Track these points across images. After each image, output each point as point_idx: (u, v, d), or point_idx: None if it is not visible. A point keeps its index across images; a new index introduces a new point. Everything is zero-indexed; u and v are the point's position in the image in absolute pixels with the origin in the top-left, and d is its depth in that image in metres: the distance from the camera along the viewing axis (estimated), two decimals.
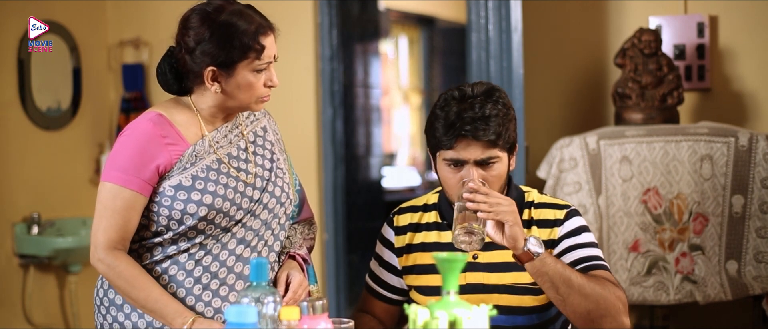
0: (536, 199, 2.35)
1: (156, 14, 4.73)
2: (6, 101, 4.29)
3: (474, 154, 2.21)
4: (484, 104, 2.22)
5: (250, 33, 2.16)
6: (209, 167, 2.20)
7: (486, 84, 2.28)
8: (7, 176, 4.29)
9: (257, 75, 2.18)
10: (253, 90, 2.19)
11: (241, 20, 2.17)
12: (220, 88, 2.19)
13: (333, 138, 4.45)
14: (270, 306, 1.81)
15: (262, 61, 2.18)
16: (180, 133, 2.20)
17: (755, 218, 3.55)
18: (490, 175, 2.23)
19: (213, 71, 2.18)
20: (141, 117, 2.22)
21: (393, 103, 7.59)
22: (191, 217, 2.16)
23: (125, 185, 2.14)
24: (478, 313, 1.68)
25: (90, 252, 2.18)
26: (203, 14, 2.22)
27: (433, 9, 7.55)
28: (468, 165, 2.22)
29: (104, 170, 2.19)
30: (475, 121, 2.20)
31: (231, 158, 2.25)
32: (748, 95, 3.94)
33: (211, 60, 2.17)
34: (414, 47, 7.75)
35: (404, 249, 2.39)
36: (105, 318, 2.26)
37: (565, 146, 3.70)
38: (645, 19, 4.01)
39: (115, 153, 2.18)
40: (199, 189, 2.17)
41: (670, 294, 3.58)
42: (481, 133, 2.19)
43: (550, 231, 2.30)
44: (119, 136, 2.21)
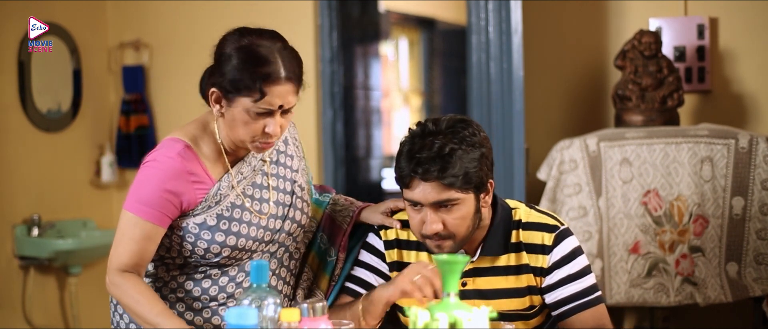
0: (524, 217, 2.24)
1: (156, 16, 4.73)
2: (6, 102, 4.29)
3: (429, 197, 2.08)
4: (445, 141, 2.07)
5: (257, 75, 2.07)
6: (234, 204, 2.19)
7: (455, 118, 2.13)
8: (8, 178, 4.29)
9: (255, 117, 2.10)
10: (247, 129, 2.12)
11: (255, 58, 2.08)
12: (220, 112, 2.15)
13: (333, 140, 4.45)
14: (270, 307, 1.81)
15: (261, 106, 2.08)
16: (206, 169, 2.18)
17: (755, 220, 3.55)
18: (450, 218, 2.10)
19: (216, 93, 2.14)
20: (169, 147, 2.17)
21: (393, 105, 7.58)
22: (214, 256, 2.18)
23: (146, 218, 2.13)
24: (479, 315, 1.68)
25: (106, 276, 2.21)
26: (232, 36, 2.15)
27: (433, 11, 7.55)
28: (425, 208, 2.11)
29: (128, 198, 2.17)
30: (426, 161, 2.06)
31: (253, 194, 2.22)
32: (748, 97, 3.94)
33: (216, 82, 2.14)
34: (414, 49, 7.74)
35: (394, 265, 2.33)
36: (122, 317, 2.28)
37: (566, 147, 3.70)
38: (645, 21, 4.01)
39: (139, 184, 2.16)
40: (224, 230, 2.17)
41: (670, 296, 3.58)
42: (434, 174, 2.06)
43: (538, 258, 2.21)
44: (145, 165, 2.18)
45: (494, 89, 3.98)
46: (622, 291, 3.59)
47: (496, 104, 3.97)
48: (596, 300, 2.20)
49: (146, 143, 4.70)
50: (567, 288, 2.19)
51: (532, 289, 2.23)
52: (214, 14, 4.61)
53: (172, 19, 4.71)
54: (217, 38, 4.74)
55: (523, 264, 2.22)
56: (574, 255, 2.21)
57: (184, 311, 2.24)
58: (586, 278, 2.21)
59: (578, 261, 2.21)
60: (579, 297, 2.19)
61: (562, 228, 2.22)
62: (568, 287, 2.19)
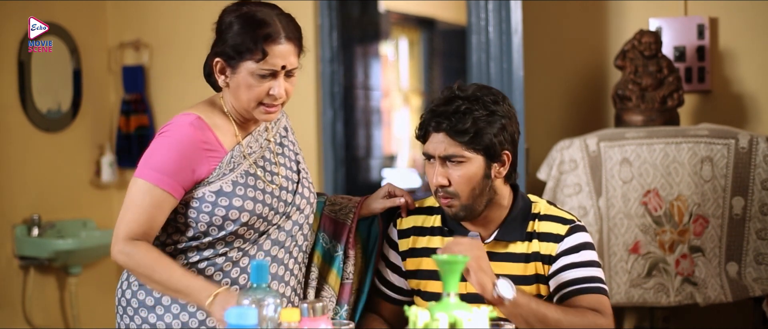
0: (542, 210, 2.29)
1: (156, 16, 4.73)
2: (6, 102, 4.29)
3: (439, 149, 2.18)
4: (464, 102, 2.18)
5: (257, 35, 2.14)
6: (247, 172, 2.20)
7: (482, 86, 2.23)
8: (8, 178, 4.29)
9: (259, 79, 2.15)
10: (251, 93, 2.16)
11: (254, 22, 2.15)
12: (225, 82, 2.19)
13: (333, 140, 4.45)
14: (270, 307, 1.81)
15: (265, 66, 2.14)
16: (218, 138, 2.19)
17: (755, 220, 3.55)
18: (455, 174, 2.18)
19: (220, 63, 2.19)
20: (181, 119, 2.19)
21: (393, 105, 7.58)
22: (233, 222, 2.17)
23: (158, 185, 2.13)
24: (479, 315, 1.68)
25: (111, 246, 2.16)
26: (232, 7, 2.22)
27: (433, 11, 7.55)
28: (435, 160, 2.20)
29: (139, 166, 2.17)
30: (442, 115, 2.17)
31: (263, 164, 2.25)
32: (748, 97, 3.94)
33: (220, 51, 2.18)
34: (414, 49, 7.74)
35: (408, 252, 2.37)
36: (133, 319, 2.25)
37: (566, 147, 3.70)
38: (645, 21, 4.01)
39: (152, 152, 2.17)
40: (240, 195, 2.17)
41: (670, 296, 3.58)
42: (446, 125, 2.16)
43: (548, 246, 2.24)
44: (158, 135, 2.19)
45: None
46: (622, 291, 3.59)
47: None
48: (599, 288, 2.19)
49: (146, 142, 4.69)
50: (570, 272, 2.20)
51: (540, 278, 2.24)
52: (214, 14, 4.59)
53: (172, 19, 4.71)
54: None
55: (533, 252, 2.24)
56: (583, 246, 2.23)
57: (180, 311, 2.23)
58: (592, 268, 2.22)
59: (586, 253, 2.23)
60: (581, 282, 2.19)
61: (577, 223, 2.27)
62: (571, 271, 2.20)
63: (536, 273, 2.25)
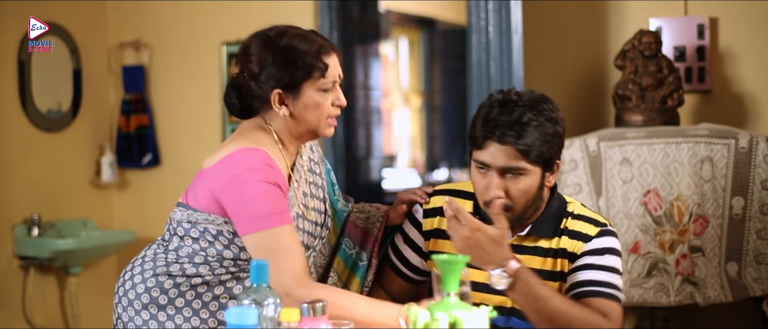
0: (576, 210, 2.27)
1: (156, 16, 4.73)
2: (6, 102, 4.29)
3: (499, 160, 2.11)
4: (526, 111, 2.11)
5: (312, 53, 2.16)
6: (297, 214, 2.21)
7: (537, 94, 2.17)
8: (8, 178, 4.29)
9: (324, 94, 2.18)
10: (320, 110, 2.19)
11: (302, 42, 2.17)
12: (288, 111, 2.19)
13: (333, 140, 4.45)
14: (270, 307, 1.81)
15: (327, 79, 2.18)
16: (280, 170, 2.19)
17: (755, 220, 3.55)
18: (514, 187, 2.13)
19: (279, 94, 2.18)
20: (252, 155, 2.14)
21: (393, 105, 7.58)
22: None
23: (284, 223, 2.11)
24: (479, 314, 1.68)
25: (290, 291, 2.08)
26: (265, 39, 2.20)
27: (433, 11, 7.55)
28: (492, 171, 2.13)
29: (255, 218, 2.10)
30: (506, 125, 2.10)
31: (305, 199, 2.26)
32: (749, 97, 3.94)
33: (277, 83, 2.17)
34: (414, 49, 7.75)
35: (432, 232, 2.35)
36: (133, 319, 2.25)
37: (566, 147, 3.70)
38: (645, 21, 4.01)
39: (257, 200, 2.11)
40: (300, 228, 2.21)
41: (670, 296, 3.58)
42: (510, 138, 2.09)
43: (575, 244, 2.22)
44: (247, 179, 2.12)
45: (494, 89, 3.98)
46: (622, 291, 3.59)
47: None
48: (614, 296, 2.18)
49: (146, 142, 4.71)
50: (587, 272, 2.18)
51: (564, 275, 2.24)
52: (214, 14, 4.61)
53: (172, 19, 4.71)
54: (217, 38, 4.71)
55: (561, 248, 2.23)
56: (609, 251, 2.21)
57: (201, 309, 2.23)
58: (611, 274, 2.19)
59: (610, 258, 2.21)
60: (595, 284, 2.17)
61: (608, 227, 2.25)
62: (588, 272, 2.18)
63: (561, 270, 2.24)
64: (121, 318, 2.28)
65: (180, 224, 2.26)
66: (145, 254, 2.33)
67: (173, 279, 2.23)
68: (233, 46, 4.54)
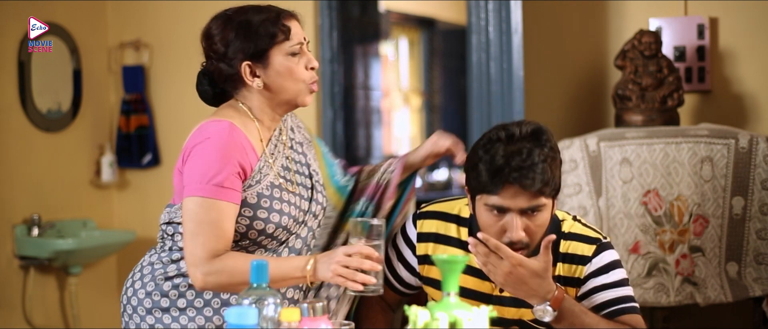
0: (569, 229, 2.24)
1: (156, 16, 4.73)
2: (6, 102, 4.29)
3: (520, 203, 2.08)
4: (533, 148, 2.08)
5: (272, 19, 2.17)
6: (272, 183, 2.19)
7: (533, 124, 2.14)
8: (8, 178, 4.29)
9: (293, 59, 2.18)
10: (294, 75, 2.18)
11: (260, 13, 2.19)
12: (261, 82, 2.18)
13: (333, 140, 4.45)
14: (270, 307, 1.81)
15: (293, 42, 2.18)
16: (251, 143, 2.18)
17: (755, 220, 3.55)
18: (534, 224, 2.11)
19: (249, 66, 2.18)
20: (214, 125, 2.15)
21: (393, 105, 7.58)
22: (258, 233, 2.17)
23: (218, 197, 2.10)
24: (479, 314, 1.68)
25: (191, 274, 2.11)
26: (223, 19, 2.23)
27: (433, 11, 7.55)
28: (512, 213, 2.09)
29: (189, 184, 2.12)
30: (523, 169, 2.05)
31: (284, 173, 2.24)
32: (749, 97, 3.94)
33: (244, 55, 2.17)
34: (414, 49, 7.74)
35: (425, 258, 2.33)
36: (144, 319, 2.24)
37: (566, 147, 3.70)
38: (645, 21, 4.01)
39: (198, 166, 2.12)
40: (265, 207, 2.17)
41: (670, 296, 3.58)
42: (529, 182, 2.05)
43: (576, 269, 2.20)
44: (196, 147, 2.14)
45: (494, 88, 3.98)
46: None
47: (496, 104, 3.97)
48: (633, 308, 2.18)
49: (146, 143, 4.70)
50: (603, 294, 2.18)
51: None
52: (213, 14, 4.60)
53: (172, 19, 4.71)
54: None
55: (558, 275, 2.21)
56: (612, 266, 2.20)
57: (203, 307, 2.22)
58: (623, 288, 2.19)
59: (616, 272, 2.20)
60: (616, 303, 2.17)
61: (603, 241, 2.23)
62: (604, 293, 2.18)
63: None
64: (128, 326, 2.28)
65: (169, 224, 2.26)
66: (143, 260, 2.33)
67: (171, 281, 2.23)
68: None
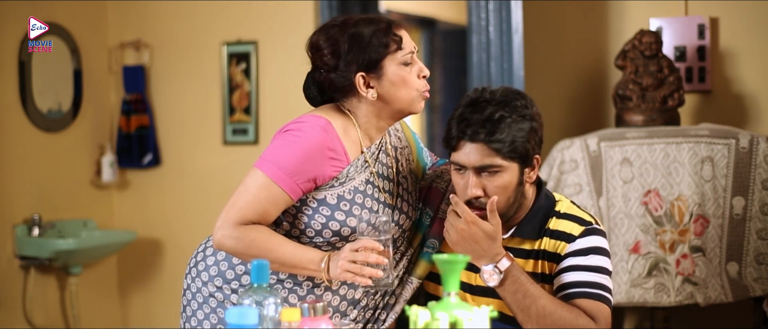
0: (563, 209, 2.24)
1: (156, 16, 4.73)
2: (7, 102, 4.29)
3: (473, 159, 2.11)
4: (497, 109, 2.11)
5: (383, 29, 2.16)
6: (357, 189, 2.19)
7: (509, 89, 2.18)
8: (8, 178, 4.29)
9: (406, 68, 2.17)
10: (408, 84, 2.17)
11: (369, 24, 2.17)
12: (375, 93, 2.17)
13: None
14: (271, 307, 1.81)
15: (405, 50, 2.17)
16: (345, 148, 2.18)
17: (756, 220, 3.55)
18: (491, 185, 2.12)
19: (363, 76, 2.16)
20: (311, 120, 2.16)
21: None
22: (332, 233, 2.17)
23: (278, 182, 2.11)
24: (479, 314, 1.68)
25: (215, 230, 2.13)
26: (331, 31, 2.19)
27: (433, 11, 7.55)
28: (468, 171, 2.13)
29: (262, 158, 2.14)
30: (478, 124, 2.10)
31: (381, 177, 2.24)
32: (749, 97, 3.94)
33: (358, 66, 2.15)
34: None
35: None
36: (201, 307, 2.26)
37: (566, 147, 3.70)
38: (646, 21, 4.01)
39: (278, 148, 2.14)
40: (344, 210, 2.17)
41: (670, 296, 3.58)
42: (482, 136, 2.09)
43: (559, 245, 2.20)
44: (286, 132, 2.16)
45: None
46: (623, 291, 3.59)
47: None
48: (601, 297, 2.15)
49: (147, 143, 4.70)
50: (573, 274, 2.16)
51: (546, 277, 2.21)
52: (214, 14, 4.61)
53: (172, 19, 4.71)
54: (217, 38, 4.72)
55: (542, 249, 2.21)
56: (595, 251, 2.18)
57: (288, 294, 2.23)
58: (598, 274, 2.16)
59: (596, 257, 2.18)
60: (582, 285, 2.15)
61: (594, 226, 2.21)
62: (574, 273, 2.16)
63: (543, 272, 2.22)
64: (190, 304, 2.29)
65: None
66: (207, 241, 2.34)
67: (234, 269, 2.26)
68: (233, 46, 4.54)
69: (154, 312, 4.76)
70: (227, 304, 2.24)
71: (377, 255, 2.06)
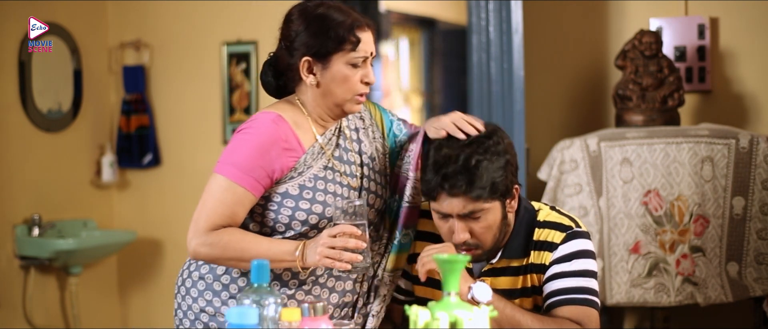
0: (543, 217, 2.23)
1: (156, 16, 4.73)
2: (7, 102, 4.29)
3: (456, 209, 2.10)
4: (470, 152, 2.08)
5: (346, 25, 2.15)
6: (316, 176, 2.20)
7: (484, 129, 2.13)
8: (8, 178, 4.29)
9: (353, 69, 2.17)
10: (348, 84, 2.17)
11: (338, 13, 2.17)
12: (315, 80, 2.18)
13: None
14: (271, 307, 1.81)
15: (358, 54, 2.16)
16: (298, 137, 2.19)
17: (756, 220, 3.55)
18: (478, 227, 2.12)
19: (308, 62, 2.18)
20: (262, 116, 2.19)
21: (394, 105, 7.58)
22: (301, 224, 2.18)
23: (239, 182, 2.13)
24: (479, 314, 1.68)
25: (188, 241, 2.16)
26: (302, 8, 2.21)
27: (433, 11, 7.55)
28: (453, 218, 2.12)
29: (220, 162, 2.17)
30: (456, 175, 2.07)
31: (338, 161, 2.24)
32: (749, 97, 3.94)
33: (307, 50, 2.17)
34: (415, 49, 7.74)
35: (412, 256, 2.33)
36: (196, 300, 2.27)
37: (566, 147, 3.70)
38: (646, 21, 4.01)
39: (233, 149, 2.17)
40: (307, 199, 2.17)
41: (670, 296, 3.58)
42: (462, 188, 2.07)
43: (543, 255, 2.19)
44: (238, 132, 2.19)
45: (495, 88, 3.98)
46: (623, 291, 3.59)
47: (497, 104, 3.96)
48: (587, 301, 2.14)
49: (147, 143, 4.70)
50: (559, 281, 2.16)
51: (536, 289, 2.21)
52: (214, 14, 4.61)
53: (172, 19, 4.71)
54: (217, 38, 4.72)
55: (529, 263, 2.21)
56: (578, 255, 2.17)
57: None
58: (583, 278, 2.16)
59: (580, 262, 2.17)
60: (568, 292, 2.14)
61: (575, 230, 2.20)
62: (560, 281, 2.15)
63: (532, 285, 2.22)
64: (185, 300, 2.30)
65: None
66: None
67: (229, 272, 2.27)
68: (233, 47, 4.54)
69: (154, 312, 4.76)
70: (219, 317, 2.25)
71: (355, 240, 2.06)
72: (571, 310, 2.13)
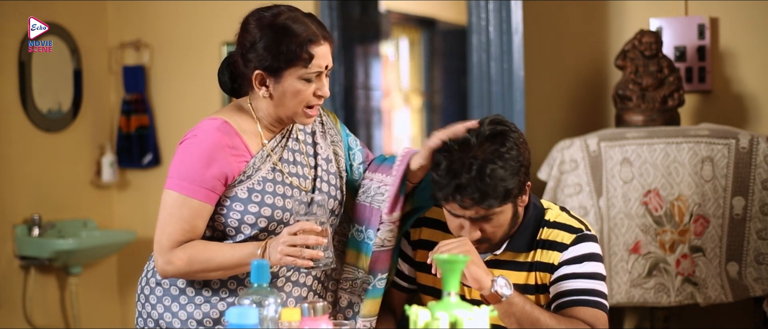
0: (553, 218, 2.23)
1: (156, 16, 4.73)
2: (7, 102, 4.29)
3: (468, 213, 2.10)
4: (484, 159, 2.06)
5: (300, 40, 2.13)
6: (265, 178, 2.19)
7: (493, 129, 2.10)
8: (8, 178, 4.29)
9: (306, 84, 2.16)
10: (299, 97, 2.16)
11: (294, 25, 2.15)
12: (268, 93, 2.18)
13: None
14: (271, 307, 1.81)
15: (310, 70, 2.15)
16: (245, 142, 2.19)
17: (756, 220, 3.55)
18: (490, 227, 2.13)
19: (260, 75, 2.17)
20: (206, 124, 2.18)
21: (394, 105, 7.58)
22: (250, 227, 2.18)
23: (192, 196, 2.13)
24: (479, 314, 1.68)
25: (155, 261, 2.17)
26: (259, 17, 2.20)
27: (433, 11, 7.55)
28: (463, 219, 2.12)
29: (169, 177, 2.16)
30: (469, 186, 2.05)
31: (286, 163, 2.24)
32: (749, 97, 3.94)
33: (259, 64, 2.16)
34: (415, 49, 7.74)
35: (418, 243, 2.35)
36: (155, 307, 2.28)
37: (566, 147, 3.70)
38: (646, 21, 4.01)
39: (180, 160, 2.16)
40: (256, 202, 2.17)
41: (670, 296, 3.58)
42: (475, 199, 2.06)
43: (552, 255, 2.20)
44: (184, 143, 2.18)
45: (495, 89, 3.98)
46: (623, 291, 3.59)
47: (497, 104, 3.97)
48: (598, 303, 2.16)
49: (147, 143, 4.70)
50: (570, 282, 2.16)
51: (541, 287, 2.22)
52: (214, 14, 4.61)
53: (172, 19, 4.71)
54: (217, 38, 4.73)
55: (536, 261, 2.22)
56: (588, 257, 2.18)
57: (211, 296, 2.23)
58: (593, 281, 2.17)
59: (590, 264, 2.18)
60: (579, 293, 2.15)
61: (586, 232, 2.21)
62: (571, 282, 2.16)
63: (537, 283, 2.22)
64: (141, 315, 2.31)
65: None
66: None
67: None
68: (233, 47, 4.53)
69: None
70: (176, 323, 2.23)
71: (315, 237, 2.06)
72: (582, 312, 2.14)
